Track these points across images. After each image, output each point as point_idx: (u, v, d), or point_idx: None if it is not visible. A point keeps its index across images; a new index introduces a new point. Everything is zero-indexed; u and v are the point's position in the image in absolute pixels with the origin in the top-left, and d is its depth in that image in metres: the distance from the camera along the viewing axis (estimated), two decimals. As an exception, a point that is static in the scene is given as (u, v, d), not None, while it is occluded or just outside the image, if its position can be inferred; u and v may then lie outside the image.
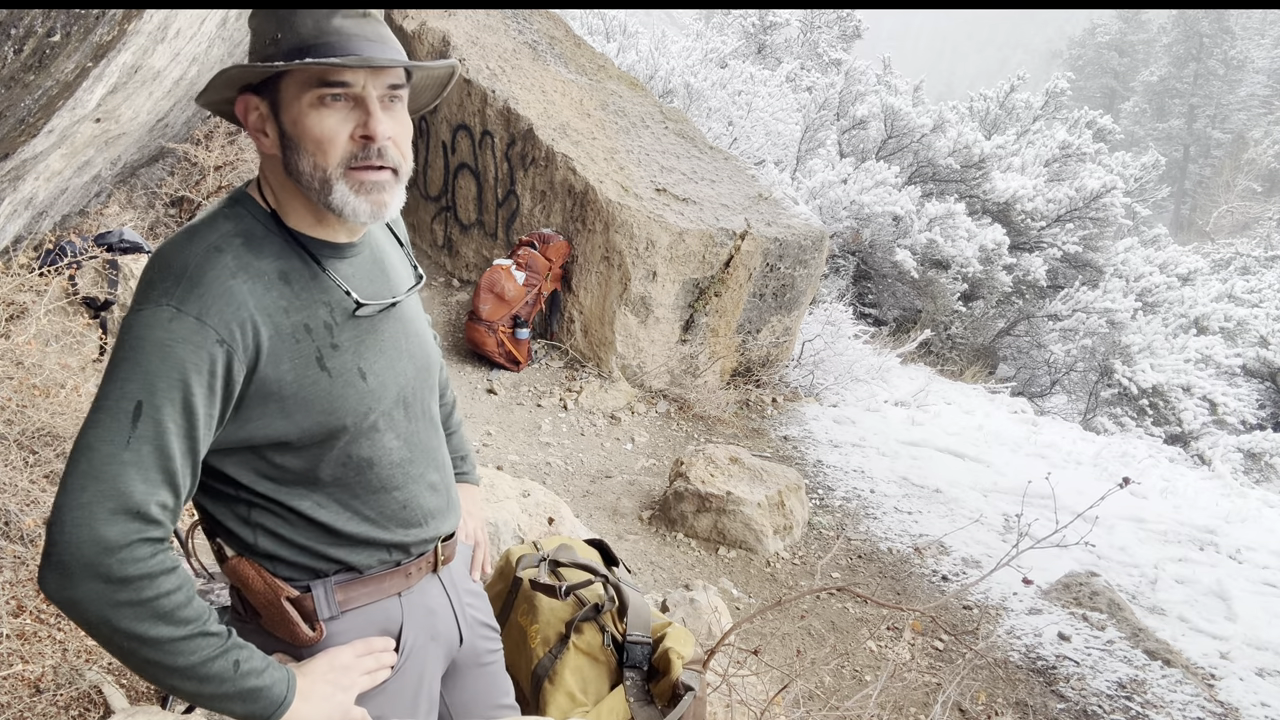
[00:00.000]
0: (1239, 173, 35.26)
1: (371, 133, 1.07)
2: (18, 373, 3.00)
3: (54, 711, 2.18)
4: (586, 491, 4.51)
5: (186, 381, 1.00)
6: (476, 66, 6.32)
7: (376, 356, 1.19)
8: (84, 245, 3.77)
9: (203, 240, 1.08)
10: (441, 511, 1.32)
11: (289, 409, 1.10)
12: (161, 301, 1.02)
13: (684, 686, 1.83)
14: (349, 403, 1.14)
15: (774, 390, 6.29)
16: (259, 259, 1.08)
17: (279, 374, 1.08)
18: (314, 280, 1.13)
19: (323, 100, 1.06)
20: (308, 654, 1.19)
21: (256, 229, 1.11)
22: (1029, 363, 11.96)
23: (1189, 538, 4.98)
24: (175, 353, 1.00)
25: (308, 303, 1.11)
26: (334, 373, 1.13)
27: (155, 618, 0.99)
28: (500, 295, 5.51)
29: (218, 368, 1.02)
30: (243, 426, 1.09)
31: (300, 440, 1.13)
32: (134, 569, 0.97)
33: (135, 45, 2.65)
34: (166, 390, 0.99)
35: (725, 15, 15.95)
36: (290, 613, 1.17)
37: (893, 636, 3.63)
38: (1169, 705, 3.30)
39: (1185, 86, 42.42)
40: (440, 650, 1.34)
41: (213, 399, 1.03)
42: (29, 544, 2.59)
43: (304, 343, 1.10)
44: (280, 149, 1.10)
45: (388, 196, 1.11)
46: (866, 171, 10.49)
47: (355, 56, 1.04)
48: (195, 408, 1.01)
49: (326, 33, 1.05)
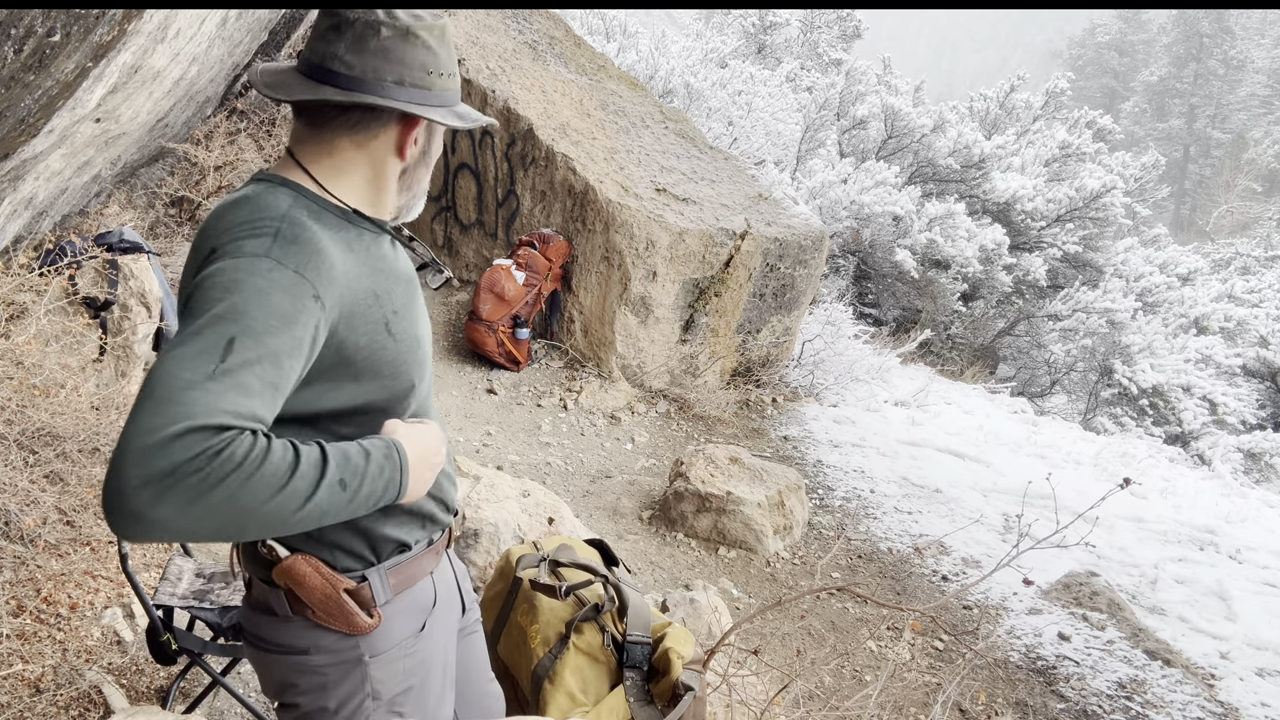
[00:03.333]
0: (1239, 173, 35.26)
1: None
2: (18, 373, 3.00)
3: (54, 711, 2.18)
4: (586, 491, 4.51)
5: (280, 330, 0.99)
6: (476, 66, 6.32)
7: (421, 321, 1.28)
8: (84, 245, 3.76)
9: (274, 206, 1.09)
10: (455, 488, 1.40)
11: (360, 373, 1.14)
12: (259, 252, 1.02)
13: (684, 686, 1.83)
14: (410, 368, 1.22)
15: (774, 390, 6.29)
16: (327, 229, 1.12)
17: (355, 338, 1.12)
18: (369, 251, 1.18)
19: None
20: (365, 642, 1.24)
21: (312, 204, 1.14)
22: (1029, 363, 11.96)
23: (1189, 538, 4.97)
24: (273, 300, 0.99)
25: (371, 271, 1.16)
26: (399, 338, 1.19)
27: (254, 496, 0.92)
28: (500, 295, 5.51)
29: (310, 319, 1.02)
30: (315, 394, 1.11)
31: (365, 408, 1.18)
32: (213, 468, 0.89)
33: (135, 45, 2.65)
34: (262, 335, 0.97)
35: (725, 15, 15.95)
36: (349, 604, 1.21)
37: (893, 636, 3.63)
38: (1169, 705, 3.30)
39: (1185, 86, 42.41)
40: (454, 620, 1.43)
41: (299, 353, 1.02)
42: (29, 544, 2.59)
43: (374, 309, 1.14)
44: (417, 161, 1.26)
45: None
46: (866, 171, 10.49)
47: (477, 119, 1.25)
48: (282, 355, 0.99)
49: (451, 79, 1.23)
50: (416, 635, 1.30)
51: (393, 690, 1.28)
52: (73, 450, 2.89)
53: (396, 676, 1.28)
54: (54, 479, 2.81)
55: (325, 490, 0.99)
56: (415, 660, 1.30)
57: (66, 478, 2.82)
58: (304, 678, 1.25)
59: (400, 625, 1.28)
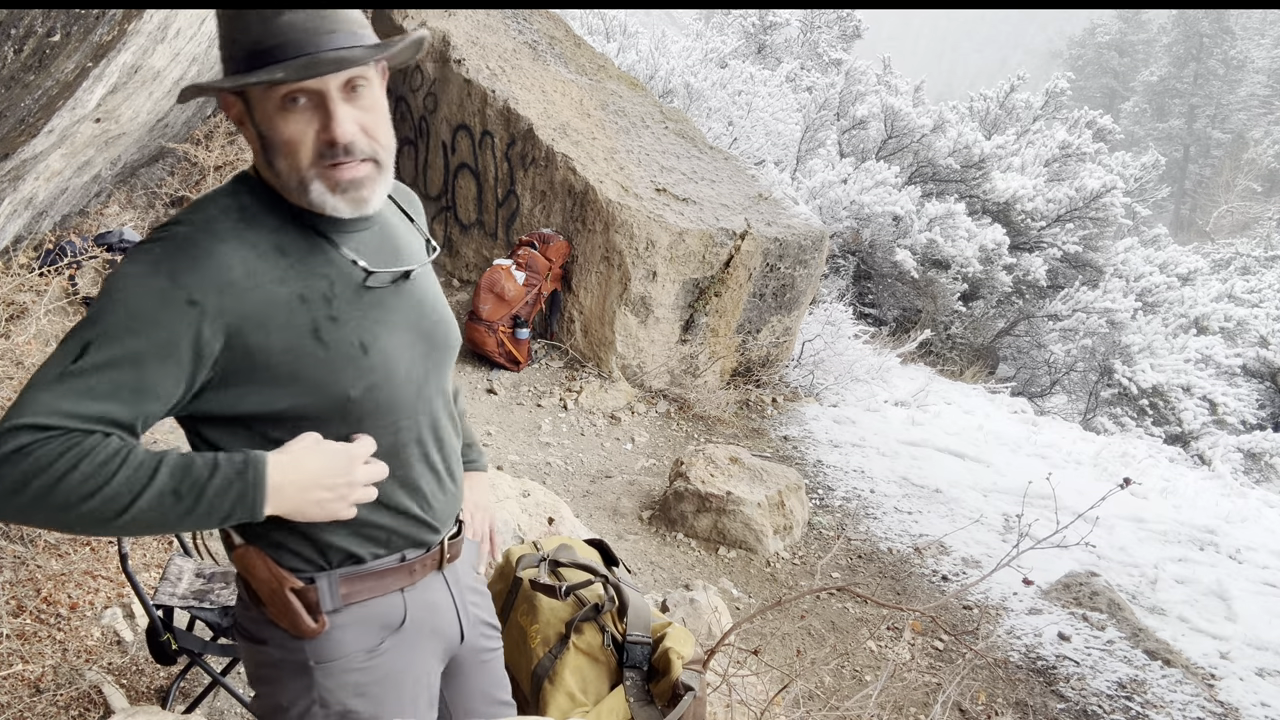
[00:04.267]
0: (1239, 173, 35.26)
1: (332, 136, 1.05)
2: (18, 373, 3.00)
3: (54, 711, 2.18)
4: (586, 491, 4.51)
5: (141, 335, 1.00)
6: (476, 66, 6.32)
7: (382, 331, 1.16)
8: (84, 245, 3.77)
9: (201, 211, 1.09)
10: (447, 506, 1.31)
11: (278, 381, 1.09)
12: (142, 260, 1.03)
13: (684, 686, 1.83)
14: (346, 377, 1.12)
15: (774, 390, 6.29)
16: (253, 230, 1.09)
17: (267, 343, 1.07)
18: (312, 254, 1.12)
19: (284, 105, 1.04)
20: (310, 647, 1.20)
21: (253, 203, 1.11)
22: (1029, 363, 11.96)
23: (1189, 538, 4.97)
24: (137, 308, 1.00)
25: (304, 274, 1.10)
26: (330, 345, 1.11)
27: (71, 494, 0.97)
28: (500, 295, 5.51)
29: (183, 327, 1.01)
30: (233, 397, 1.09)
31: (291, 413, 1.11)
32: (28, 464, 0.94)
33: (135, 45, 2.65)
34: (119, 338, 0.99)
35: (725, 15, 15.95)
36: (294, 603, 1.17)
37: (893, 636, 3.63)
38: (1169, 705, 3.30)
39: (1185, 86, 42.41)
40: (439, 646, 1.34)
41: (168, 357, 1.01)
42: (29, 544, 2.59)
43: (298, 313, 1.08)
44: (259, 145, 1.09)
45: (367, 191, 1.10)
46: (866, 171, 10.49)
47: (303, 60, 1.01)
48: (144, 360, 1.00)
49: (275, 34, 1.01)
50: (371, 652, 1.23)
51: (342, 702, 1.22)
52: (73, 450, 2.88)
53: (345, 688, 1.22)
54: (54, 479, 2.80)
55: (152, 498, 0.99)
56: (369, 678, 1.23)
57: (66, 478, 2.81)
58: (262, 670, 1.26)
59: (351, 637, 1.22)
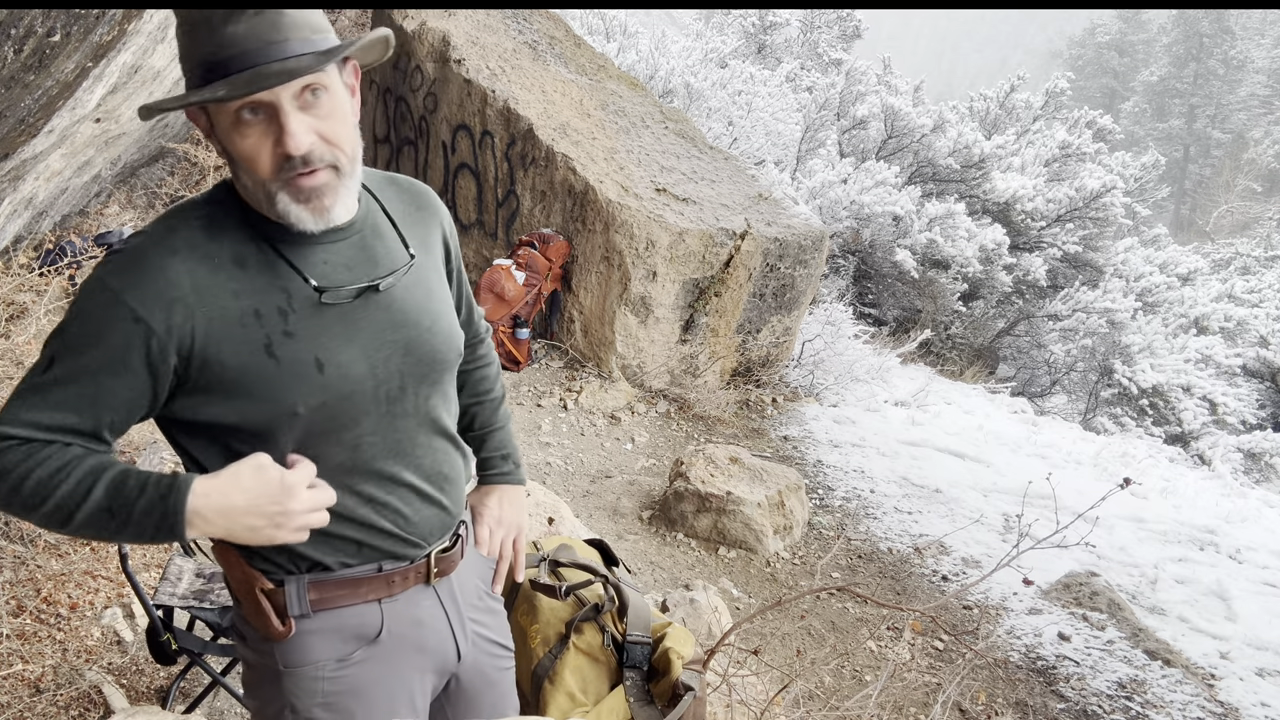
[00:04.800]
0: (1239, 173, 35.27)
1: (286, 149, 1.03)
2: (18, 373, 3.00)
3: (54, 711, 2.18)
4: (586, 491, 4.51)
5: (95, 352, 1.04)
6: (476, 66, 6.32)
7: (341, 346, 1.13)
8: (84, 245, 3.77)
9: (166, 220, 1.10)
10: (432, 520, 1.27)
11: (230, 394, 1.08)
12: (99, 272, 1.06)
13: (684, 686, 1.83)
14: (296, 393, 1.10)
15: (774, 390, 6.29)
16: (212, 241, 1.08)
17: (220, 357, 1.07)
18: (270, 266, 1.10)
19: (239, 118, 1.02)
20: (279, 650, 1.19)
21: (220, 213, 1.10)
22: (1029, 363, 11.96)
23: (1189, 538, 4.97)
24: (91, 322, 1.04)
25: (261, 288, 1.09)
26: (283, 361, 1.09)
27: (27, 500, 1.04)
28: (500, 295, 5.51)
29: (133, 342, 1.04)
30: (192, 406, 1.10)
31: (245, 426, 1.10)
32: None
33: (135, 45, 2.65)
34: (79, 353, 1.05)
35: (725, 15, 15.95)
36: (264, 604, 1.17)
37: (893, 636, 3.63)
38: (1169, 705, 3.30)
39: (1185, 86, 42.41)
40: (429, 664, 1.30)
41: (127, 371, 1.05)
42: (29, 544, 2.59)
43: (251, 329, 1.07)
44: (226, 159, 1.09)
45: (329, 200, 1.08)
46: (866, 171, 10.49)
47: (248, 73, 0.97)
48: (99, 376, 1.05)
49: (225, 47, 0.98)
50: (341, 661, 1.21)
51: (310, 710, 1.21)
52: (73, 450, 2.88)
53: (313, 696, 1.21)
54: (54, 479, 2.80)
55: (89, 512, 1.04)
56: (339, 687, 1.21)
57: (66, 478, 2.81)
58: (245, 671, 1.28)
59: (319, 645, 1.20)
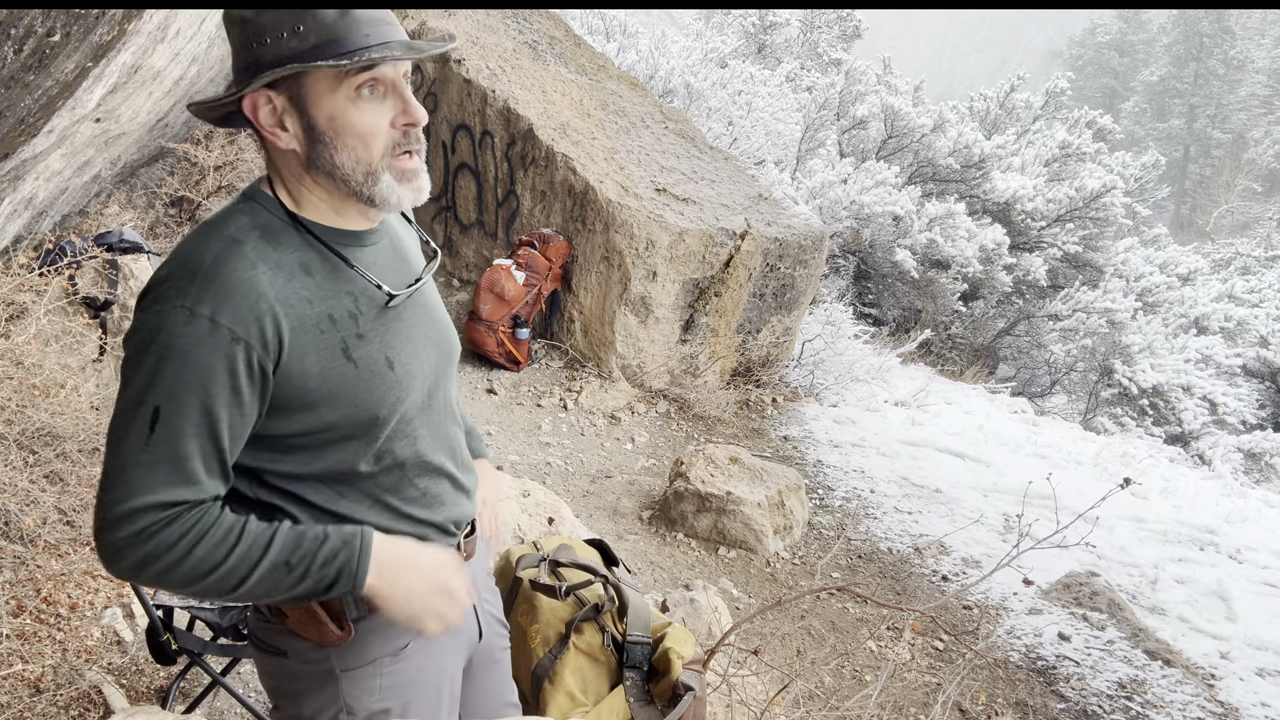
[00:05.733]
0: (1239, 173, 35.26)
1: (414, 119, 1.08)
2: (18, 373, 3.00)
3: (54, 711, 2.18)
4: (586, 491, 4.51)
5: (206, 386, 1.01)
6: (476, 66, 6.32)
7: (403, 345, 1.17)
8: (84, 245, 3.77)
9: (219, 234, 1.06)
10: (462, 508, 1.32)
11: (314, 402, 1.08)
12: (176, 302, 1.00)
13: (684, 686, 1.83)
14: (376, 394, 1.13)
15: (774, 390, 6.29)
16: (278, 250, 1.07)
17: (304, 367, 1.06)
18: (335, 272, 1.12)
19: (360, 93, 1.05)
20: (336, 655, 1.20)
21: (274, 222, 1.10)
22: (1029, 363, 11.96)
23: (1189, 538, 4.97)
24: (192, 358, 0.99)
25: (330, 293, 1.10)
26: (360, 364, 1.11)
27: (193, 571, 1.04)
28: (500, 295, 5.51)
29: (238, 366, 1.01)
30: (280, 420, 1.09)
31: (328, 433, 1.12)
32: (151, 547, 1.02)
33: (135, 45, 2.65)
34: (185, 396, 1.00)
35: (725, 15, 15.95)
36: (319, 613, 1.17)
37: (893, 636, 3.63)
38: (1169, 705, 3.30)
39: (1185, 86, 42.42)
40: (462, 646, 1.36)
41: (238, 397, 1.03)
42: (29, 544, 2.59)
43: (329, 334, 1.08)
44: (306, 144, 1.08)
45: (423, 180, 1.14)
46: (866, 171, 10.49)
47: (399, 44, 1.04)
48: (216, 410, 1.02)
49: (355, 24, 1.03)
50: (395, 655, 1.24)
51: (369, 708, 1.23)
52: (73, 450, 2.89)
53: (371, 694, 1.23)
54: (54, 479, 2.81)
55: (265, 571, 1.05)
56: (395, 681, 1.24)
57: (66, 478, 2.82)
58: (282, 682, 1.25)
59: (376, 643, 1.22)
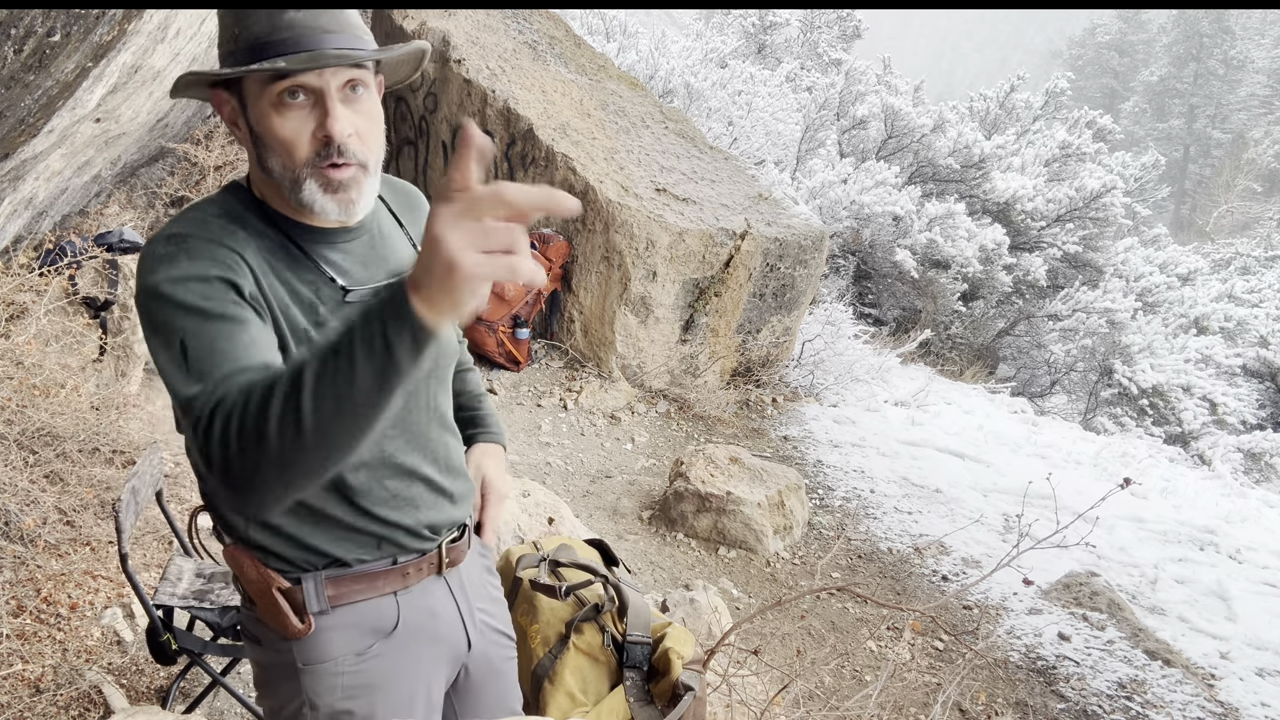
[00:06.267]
0: (1239, 173, 35.26)
1: (330, 132, 1.04)
2: (18, 373, 3.00)
3: (54, 711, 2.18)
4: (586, 491, 4.51)
5: (211, 297, 0.99)
6: (476, 66, 6.32)
7: None
8: (84, 245, 3.77)
9: (189, 216, 1.08)
10: (443, 513, 1.28)
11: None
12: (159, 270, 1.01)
13: (684, 686, 1.83)
14: None
15: (774, 390, 6.29)
16: (245, 230, 1.09)
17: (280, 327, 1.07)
18: (296, 262, 1.12)
19: (282, 100, 1.03)
20: (298, 648, 1.19)
21: (240, 209, 1.11)
22: (1029, 363, 11.96)
23: (1189, 538, 4.97)
24: (191, 275, 0.99)
25: (294, 281, 1.11)
26: None
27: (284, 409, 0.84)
28: (500, 295, 5.51)
29: (234, 277, 1.02)
30: None
31: None
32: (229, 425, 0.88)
33: (135, 45, 2.65)
34: (195, 316, 0.98)
35: (725, 15, 15.95)
36: (281, 603, 1.16)
37: (893, 636, 3.63)
38: (1169, 705, 3.30)
39: (1185, 86, 42.42)
40: (444, 654, 1.32)
41: (240, 307, 1.01)
42: (29, 544, 2.59)
43: (291, 308, 1.10)
44: (251, 144, 1.09)
45: (355, 194, 1.09)
46: (866, 171, 10.50)
47: (305, 54, 1.01)
48: (231, 316, 0.99)
49: (280, 29, 1.02)
50: (360, 655, 1.22)
51: (331, 705, 1.21)
52: (73, 450, 2.89)
53: (333, 692, 1.21)
54: (54, 479, 2.81)
55: (315, 374, 0.81)
56: (359, 681, 1.22)
57: (66, 478, 2.82)
58: (260, 670, 1.27)
59: (338, 640, 1.21)
